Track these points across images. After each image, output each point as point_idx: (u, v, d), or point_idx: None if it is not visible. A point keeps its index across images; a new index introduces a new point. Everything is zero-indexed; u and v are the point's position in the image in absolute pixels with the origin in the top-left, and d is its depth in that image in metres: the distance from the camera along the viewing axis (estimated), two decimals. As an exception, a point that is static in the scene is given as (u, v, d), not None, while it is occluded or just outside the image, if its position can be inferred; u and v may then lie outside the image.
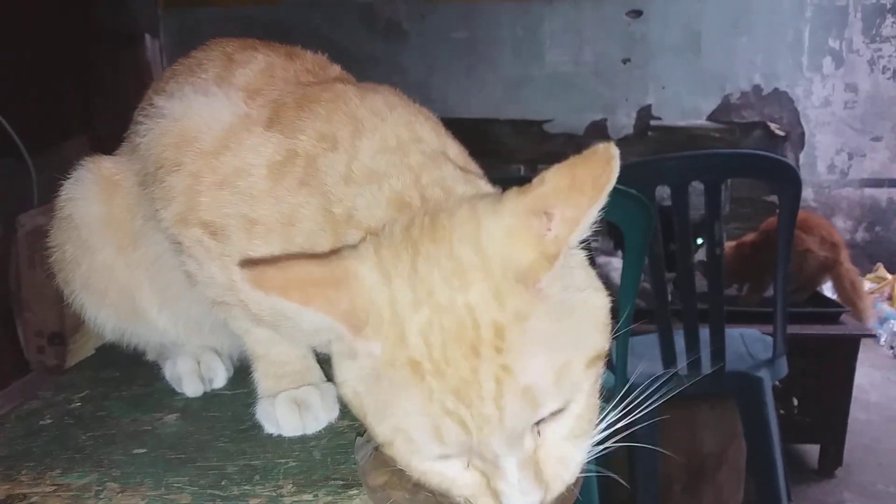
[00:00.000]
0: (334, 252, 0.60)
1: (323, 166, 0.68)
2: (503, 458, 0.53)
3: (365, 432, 0.68)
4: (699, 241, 2.29)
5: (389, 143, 0.68)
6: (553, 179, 0.54)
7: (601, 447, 0.60)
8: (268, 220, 0.70)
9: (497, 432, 0.52)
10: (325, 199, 0.67)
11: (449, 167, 0.66)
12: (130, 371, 1.00)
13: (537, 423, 0.55)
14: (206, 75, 0.81)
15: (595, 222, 0.55)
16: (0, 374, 2.10)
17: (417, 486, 0.61)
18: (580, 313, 0.56)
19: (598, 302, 0.58)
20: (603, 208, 0.54)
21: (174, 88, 0.81)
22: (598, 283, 0.60)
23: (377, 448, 0.66)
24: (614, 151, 0.53)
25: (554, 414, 0.55)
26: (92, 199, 0.89)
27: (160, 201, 0.77)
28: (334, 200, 0.66)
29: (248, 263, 0.58)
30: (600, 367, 0.57)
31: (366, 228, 0.62)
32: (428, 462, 0.56)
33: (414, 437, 0.54)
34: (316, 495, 0.67)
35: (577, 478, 0.59)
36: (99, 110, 2.85)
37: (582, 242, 0.57)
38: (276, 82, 0.78)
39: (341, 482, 0.69)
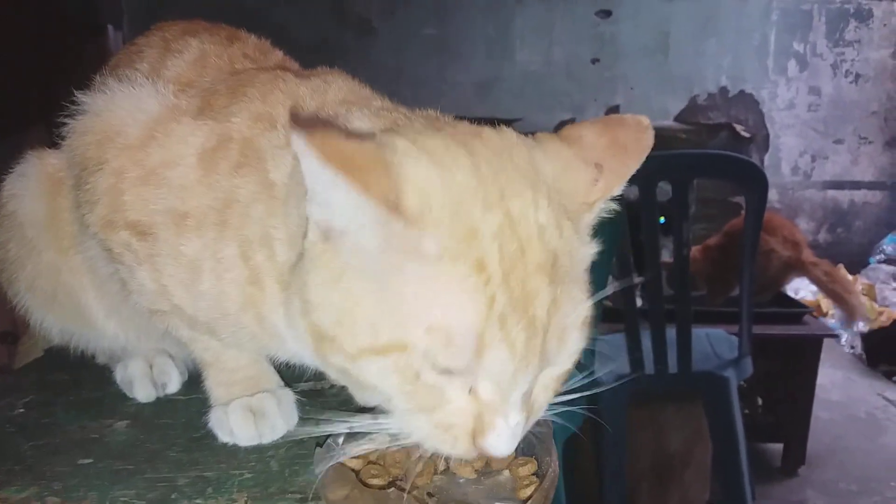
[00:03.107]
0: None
1: (262, 145, 0.63)
2: (517, 393, 0.50)
3: (325, 442, 0.65)
4: (662, 219, 2.27)
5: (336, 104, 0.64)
6: (592, 135, 0.55)
7: None
8: (199, 210, 0.65)
9: (535, 363, 0.49)
10: (263, 172, 0.62)
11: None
12: (80, 374, 0.95)
13: None
14: (140, 65, 0.76)
15: None
16: (-53, 375, 2.02)
17: (380, 501, 0.58)
18: (585, 274, 0.55)
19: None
20: None
21: (100, 82, 0.75)
22: None
23: (338, 461, 0.63)
24: (647, 121, 0.56)
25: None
26: (36, 196, 0.83)
27: (85, 205, 0.71)
28: (272, 168, 0.61)
29: (305, 123, 0.47)
30: None
31: None
32: (434, 374, 0.50)
33: (453, 340, 0.48)
34: (272, 509, 0.64)
35: (553, 474, 0.58)
36: (59, 101, 2.76)
37: None
38: (208, 72, 0.73)
39: (299, 495, 0.65)
